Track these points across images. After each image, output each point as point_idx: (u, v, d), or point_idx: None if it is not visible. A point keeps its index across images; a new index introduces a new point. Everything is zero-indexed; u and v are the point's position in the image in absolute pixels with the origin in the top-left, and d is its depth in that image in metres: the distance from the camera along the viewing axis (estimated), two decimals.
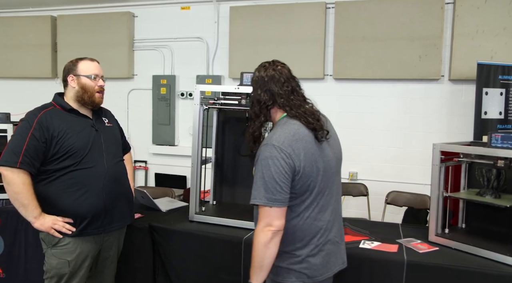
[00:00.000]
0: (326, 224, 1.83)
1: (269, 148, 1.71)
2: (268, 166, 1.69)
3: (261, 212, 1.71)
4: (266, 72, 1.86)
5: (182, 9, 5.22)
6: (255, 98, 1.85)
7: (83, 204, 2.18)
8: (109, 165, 2.29)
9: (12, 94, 5.89)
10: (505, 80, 3.94)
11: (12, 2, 5.65)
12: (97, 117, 2.39)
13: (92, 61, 2.34)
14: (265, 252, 1.69)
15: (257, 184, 1.71)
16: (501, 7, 4.09)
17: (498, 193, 2.38)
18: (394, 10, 4.37)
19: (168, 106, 5.24)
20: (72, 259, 2.20)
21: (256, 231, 1.72)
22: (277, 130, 1.77)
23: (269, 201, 1.68)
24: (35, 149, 2.11)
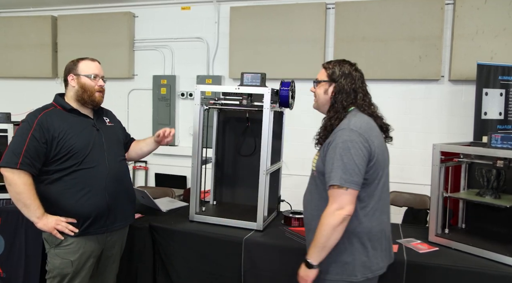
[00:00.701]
0: (387, 217, 1.93)
1: (348, 132, 1.77)
2: (348, 148, 1.74)
3: (335, 194, 1.74)
4: (354, 71, 1.95)
5: (183, 9, 5.23)
6: (343, 89, 1.91)
7: (85, 204, 2.18)
8: (111, 164, 2.29)
9: (12, 94, 5.89)
10: (505, 81, 3.95)
11: (12, 2, 5.65)
12: (98, 117, 2.39)
13: (92, 61, 2.35)
14: (332, 234, 1.74)
15: (334, 165, 1.75)
16: (501, 8, 4.10)
17: (498, 194, 2.39)
18: (394, 10, 4.38)
19: (168, 106, 5.25)
20: (75, 259, 2.20)
21: (326, 213, 1.75)
22: (351, 119, 1.84)
23: (346, 182, 1.72)
24: (35, 150, 2.11)
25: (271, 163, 2.70)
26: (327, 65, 2.00)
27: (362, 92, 1.94)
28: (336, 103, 1.92)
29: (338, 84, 1.92)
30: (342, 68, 1.94)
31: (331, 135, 1.85)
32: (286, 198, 3.06)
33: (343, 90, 1.91)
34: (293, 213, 2.80)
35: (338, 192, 1.73)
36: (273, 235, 2.58)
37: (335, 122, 1.88)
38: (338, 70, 1.94)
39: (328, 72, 1.97)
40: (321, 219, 1.77)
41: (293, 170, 4.74)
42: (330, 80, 1.95)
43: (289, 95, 2.69)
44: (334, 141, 1.79)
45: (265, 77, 2.71)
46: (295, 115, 3.87)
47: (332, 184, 1.74)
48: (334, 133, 1.83)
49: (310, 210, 1.95)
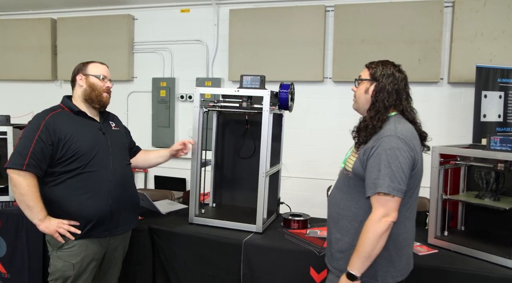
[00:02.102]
0: (414, 225, 1.93)
1: (395, 139, 1.75)
2: (396, 156, 1.72)
3: (381, 201, 1.72)
4: (398, 72, 1.92)
5: (182, 11, 5.23)
6: (385, 88, 1.87)
7: (89, 207, 2.18)
8: (115, 168, 2.29)
9: (12, 96, 5.89)
10: (504, 83, 3.95)
11: (12, 5, 5.65)
12: (104, 120, 2.41)
13: (101, 64, 2.42)
14: (378, 243, 1.71)
15: (382, 173, 1.72)
16: (500, 11, 4.11)
17: (497, 196, 2.39)
18: (393, 13, 4.39)
19: (168, 109, 5.25)
20: (77, 262, 2.19)
21: (372, 220, 1.72)
22: (396, 126, 1.81)
23: (393, 190, 1.70)
24: (41, 152, 2.12)
25: (270, 165, 2.70)
26: (370, 65, 1.97)
27: (405, 94, 1.91)
28: (377, 102, 1.88)
29: (379, 83, 1.89)
30: (385, 68, 1.91)
31: (375, 140, 1.80)
32: (286, 200, 3.06)
33: (384, 90, 1.87)
34: (293, 215, 2.80)
35: (385, 199, 1.71)
36: (272, 237, 2.58)
37: (377, 123, 1.83)
38: (380, 69, 1.91)
39: (371, 71, 1.93)
40: (365, 228, 1.73)
41: (293, 172, 4.74)
42: (371, 79, 1.92)
43: (289, 97, 2.69)
44: (379, 147, 1.76)
45: (264, 79, 2.71)
46: (295, 118, 3.88)
47: (379, 192, 1.71)
48: (379, 138, 1.79)
49: (338, 209, 1.92)
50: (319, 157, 4.75)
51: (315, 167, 4.74)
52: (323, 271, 2.30)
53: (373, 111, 1.88)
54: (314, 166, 4.76)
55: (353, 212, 1.86)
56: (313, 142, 4.75)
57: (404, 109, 1.89)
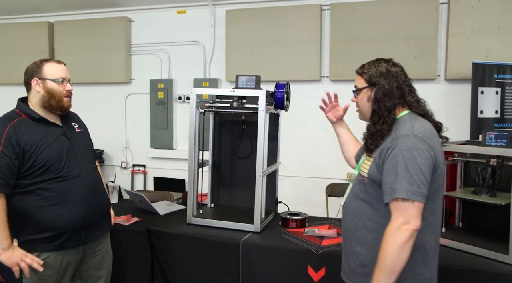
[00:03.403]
0: (439, 231, 1.80)
1: (412, 138, 1.61)
2: (414, 157, 1.58)
3: (400, 207, 1.57)
4: (392, 66, 1.79)
5: (178, 13, 5.24)
6: (387, 91, 1.74)
7: (62, 217, 2.05)
8: (85, 174, 2.17)
9: (10, 100, 5.84)
10: (500, 79, 3.95)
11: (9, 8, 5.66)
12: (66, 123, 2.23)
13: (58, 64, 2.18)
14: (400, 254, 1.56)
15: (399, 176, 1.58)
16: (495, 7, 4.11)
17: (493, 192, 2.39)
18: (389, 11, 4.39)
19: (166, 110, 5.25)
20: (53, 273, 2.08)
21: (391, 229, 1.58)
22: (413, 123, 1.68)
23: (413, 194, 1.55)
24: (8, 168, 1.96)
25: (267, 164, 2.71)
26: (362, 70, 1.85)
27: (407, 87, 1.77)
28: (379, 107, 1.74)
29: (380, 86, 1.76)
30: (379, 68, 1.79)
31: (391, 140, 1.66)
32: (284, 200, 3.07)
33: (384, 92, 1.74)
34: (291, 215, 2.81)
35: (404, 205, 1.56)
36: (270, 237, 2.59)
37: (383, 127, 1.71)
38: (374, 71, 1.79)
39: (365, 77, 1.81)
40: (385, 238, 1.59)
41: (291, 171, 4.75)
42: (370, 85, 1.80)
43: (284, 96, 2.70)
44: (396, 148, 1.62)
45: (259, 79, 2.72)
46: (292, 117, 3.88)
47: (397, 197, 1.57)
48: (395, 139, 1.64)
49: (355, 219, 1.78)
50: (316, 156, 4.75)
51: (313, 166, 4.75)
52: (321, 269, 2.31)
53: (376, 116, 1.76)
54: (311, 165, 4.76)
55: (373, 221, 1.72)
56: (311, 141, 4.76)
57: (410, 104, 1.76)
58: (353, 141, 2.22)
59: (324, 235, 2.59)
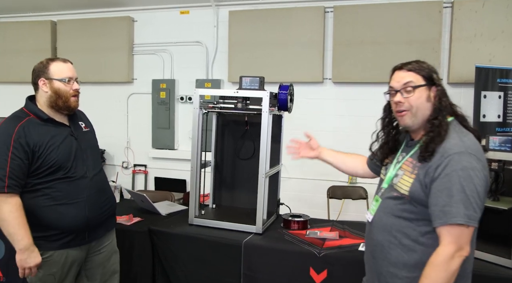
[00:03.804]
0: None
1: (467, 157, 1.48)
2: (470, 177, 1.45)
3: (454, 233, 1.46)
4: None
5: (182, 13, 5.24)
6: (445, 91, 1.63)
7: (68, 217, 2.06)
8: (91, 174, 2.18)
9: (12, 98, 5.86)
10: (503, 83, 3.95)
11: (12, 7, 5.66)
12: (73, 122, 2.23)
13: (64, 63, 2.16)
14: (451, 280, 1.48)
15: (454, 199, 1.45)
16: (499, 11, 4.11)
17: (496, 196, 2.38)
18: (392, 14, 4.39)
19: (168, 110, 5.26)
20: (57, 271, 2.09)
21: (443, 257, 1.46)
22: (460, 138, 1.54)
23: (469, 219, 1.44)
24: (20, 169, 1.97)
25: (270, 166, 2.71)
26: (415, 66, 1.67)
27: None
28: (442, 108, 1.59)
29: (440, 86, 1.63)
30: (431, 66, 1.66)
31: (439, 157, 1.52)
32: (286, 201, 3.06)
33: (445, 91, 1.62)
34: (293, 216, 2.80)
35: (459, 230, 1.45)
36: (272, 238, 2.59)
37: (444, 133, 1.55)
38: (431, 69, 1.66)
39: (423, 74, 1.64)
40: (436, 264, 1.47)
41: (293, 173, 4.74)
42: (428, 83, 1.63)
43: (288, 98, 2.70)
44: (448, 167, 1.48)
45: (263, 80, 2.72)
46: (294, 118, 3.87)
47: (453, 223, 1.45)
48: (444, 156, 1.50)
49: (389, 236, 1.65)
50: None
51: (315, 168, 4.73)
52: (323, 271, 2.31)
53: (437, 120, 1.58)
54: (313, 167, 4.74)
55: (411, 240, 1.59)
56: None
57: (455, 110, 1.64)
58: (344, 156, 2.19)
59: (326, 237, 2.59)
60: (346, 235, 2.62)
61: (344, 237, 2.59)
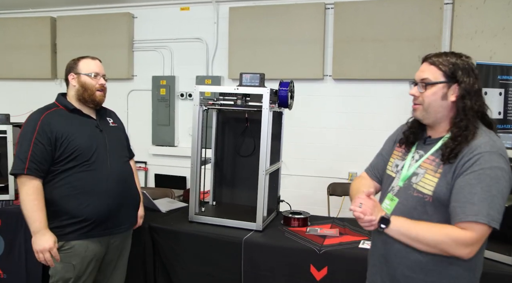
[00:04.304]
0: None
1: (497, 157, 1.45)
2: (498, 178, 1.43)
3: (475, 232, 1.42)
4: (471, 62, 1.59)
5: (182, 9, 5.22)
6: (474, 91, 1.54)
7: (88, 206, 2.14)
8: (113, 166, 2.25)
9: (11, 95, 5.89)
10: (504, 80, 3.94)
11: (11, 3, 5.64)
12: (100, 117, 2.36)
13: (93, 60, 2.32)
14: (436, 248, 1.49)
15: (478, 197, 1.42)
16: (500, 8, 4.10)
17: None
18: (393, 10, 4.37)
19: (168, 107, 5.25)
20: (78, 263, 2.16)
21: (461, 239, 1.44)
22: (490, 137, 1.51)
23: (493, 220, 1.41)
24: (41, 154, 2.08)
25: (270, 163, 2.71)
26: (440, 60, 1.58)
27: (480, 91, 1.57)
28: (466, 111, 1.52)
29: (464, 84, 1.53)
30: (461, 62, 1.56)
31: (466, 154, 1.47)
32: (286, 198, 3.06)
33: (472, 91, 1.52)
34: (293, 213, 2.80)
35: (482, 230, 1.42)
36: (272, 235, 2.59)
37: (469, 134, 1.50)
38: (458, 65, 1.55)
39: (444, 69, 1.56)
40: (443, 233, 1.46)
41: (293, 170, 4.74)
42: (449, 80, 1.55)
43: (288, 95, 2.69)
44: (477, 164, 1.44)
45: (264, 77, 2.71)
46: (295, 115, 3.87)
47: (477, 221, 1.41)
48: (473, 153, 1.46)
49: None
50: (319, 155, 4.74)
51: (315, 165, 4.74)
52: (323, 268, 2.31)
53: (464, 121, 1.51)
54: (314, 164, 4.75)
55: None
56: (313, 140, 4.75)
57: (485, 111, 1.57)
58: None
59: (326, 234, 2.59)
60: (347, 232, 2.62)
61: (345, 234, 2.59)
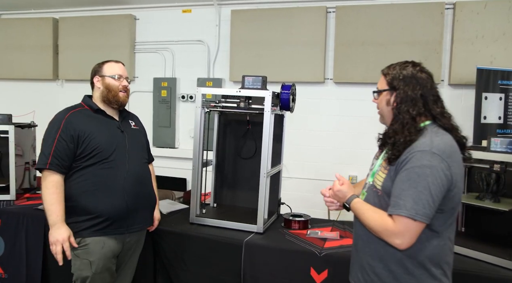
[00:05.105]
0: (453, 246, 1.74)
1: (429, 155, 1.53)
2: (425, 175, 1.51)
3: (400, 224, 1.53)
4: (419, 72, 1.69)
5: (184, 12, 5.24)
6: (408, 98, 1.65)
7: (105, 203, 2.20)
8: (131, 166, 2.31)
9: (13, 95, 5.89)
10: (505, 85, 3.96)
11: (14, 4, 5.66)
12: (123, 119, 2.44)
13: (116, 63, 2.43)
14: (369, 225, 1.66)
15: (405, 193, 1.53)
16: (501, 13, 4.12)
17: (497, 197, 2.39)
18: (394, 15, 4.39)
19: (169, 109, 5.26)
20: (95, 259, 2.19)
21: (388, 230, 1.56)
22: (433, 138, 1.58)
23: (417, 214, 1.50)
24: (63, 150, 2.17)
25: (271, 165, 2.71)
26: (386, 71, 1.75)
27: (433, 97, 1.66)
28: (401, 114, 1.65)
29: (400, 91, 1.66)
30: (404, 72, 1.68)
31: (407, 153, 1.58)
32: (286, 201, 3.07)
33: (407, 98, 1.64)
34: (293, 216, 2.81)
35: (406, 223, 1.52)
36: (273, 237, 2.59)
37: (408, 138, 1.60)
38: (398, 74, 1.69)
39: (388, 79, 1.72)
40: (380, 220, 1.60)
41: (293, 173, 4.75)
42: (390, 88, 1.70)
43: (290, 98, 2.70)
44: (409, 163, 1.55)
45: (266, 80, 2.72)
46: (296, 118, 3.88)
47: (399, 214, 1.53)
48: (411, 152, 1.57)
49: (368, 231, 1.72)
50: (319, 158, 4.75)
51: (316, 167, 4.75)
52: (324, 271, 2.31)
53: (397, 124, 1.65)
54: (314, 167, 4.76)
55: None
56: (314, 143, 4.76)
57: (435, 115, 1.65)
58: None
59: (326, 237, 2.59)
60: (347, 235, 2.63)
61: (345, 237, 2.59)
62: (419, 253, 1.61)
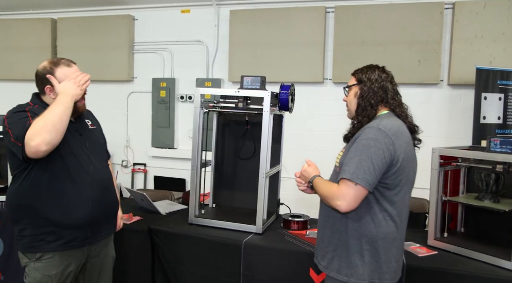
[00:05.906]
0: (404, 227, 1.91)
1: (375, 130, 1.76)
2: (369, 146, 1.73)
3: (342, 187, 1.74)
4: (382, 72, 1.96)
5: (182, 12, 5.23)
6: (371, 89, 1.91)
7: (68, 214, 2.01)
8: (95, 172, 2.12)
9: (12, 96, 5.84)
10: (504, 85, 3.96)
11: (12, 5, 5.65)
12: (79, 119, 2.18)
13: (69, 67, 2.10)
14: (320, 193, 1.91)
15: (351, 161, 1.75)
16: (500, 13, 4.11)
17: (497, 198, 2.39)
18: (393, 14, 4.39)
19: (168, 109, 5.25)
20: (57, 273, 2.03)
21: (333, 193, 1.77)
22: (382, 120, 1.83)
23: (356, 177, 1.71)
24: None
25: (270, 166, 2.71)
26: (355, 71, 2.03)
27: (392, 92, 1.94)
28: (363, 101, 1.92)
29: (364, 84, 1.93)
30: (369, 71, 1.97)
31: (359, 131, 1.85)
32: (286, 201, 3.06)
33: (370, 89, 1.91)
34: (292, 216, 2.80)
35: (347, 185, 1.73)
36: (272, 238, 2.58)
37: (363, 119, 1.89)
38: (364, 72, 1.97)
39: (356, 77, 1.99)
40: (328, 188, 1.82)
41: (292, 173, 4.72)
42: (358, 83, 1.97)
43: (289, 98, 2.70)
44: (359, 137, 1.79)
45: (265, 80, 2.72)
46: (295, 119, 3.88)
47: (343, 178, 1.74)
48: (362, 129, 1.83)
49: (329, 210, 1.91)
50: (319, 158, 4.68)
51: None
52: (323, 272, 2.30)
53: (359, 109, 1.93)
54: None
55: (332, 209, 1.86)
56: (313, 143, 4.75)
57: (393, 106, 1.91)
58: None
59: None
60: None
61: None
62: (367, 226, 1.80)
